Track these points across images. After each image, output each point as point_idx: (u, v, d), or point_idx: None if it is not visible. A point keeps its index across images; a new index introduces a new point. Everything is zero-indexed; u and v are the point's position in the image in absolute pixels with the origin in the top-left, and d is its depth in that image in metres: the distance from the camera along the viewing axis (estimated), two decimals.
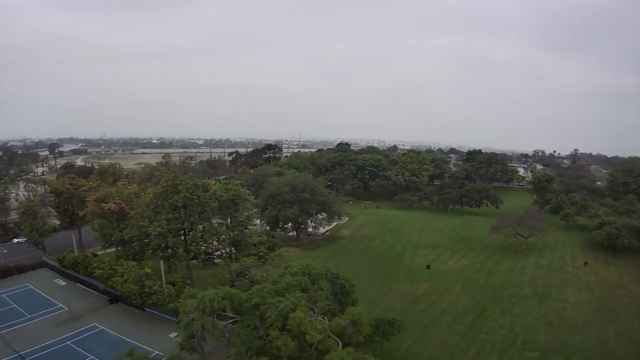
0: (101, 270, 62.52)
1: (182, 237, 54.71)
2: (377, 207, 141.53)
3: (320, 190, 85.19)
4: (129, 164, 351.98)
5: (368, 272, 75.94)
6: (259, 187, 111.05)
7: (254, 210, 61.89)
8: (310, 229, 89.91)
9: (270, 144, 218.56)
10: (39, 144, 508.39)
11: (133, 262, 59.35)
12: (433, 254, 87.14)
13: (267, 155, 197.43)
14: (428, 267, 78.80)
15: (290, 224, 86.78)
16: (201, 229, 53.20)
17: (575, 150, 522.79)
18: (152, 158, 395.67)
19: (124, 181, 76.07)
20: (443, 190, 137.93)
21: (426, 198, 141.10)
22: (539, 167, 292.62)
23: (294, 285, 35.80)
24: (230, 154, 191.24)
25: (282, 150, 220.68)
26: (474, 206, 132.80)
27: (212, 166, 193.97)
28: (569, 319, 57.53)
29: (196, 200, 53.33)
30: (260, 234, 78.14)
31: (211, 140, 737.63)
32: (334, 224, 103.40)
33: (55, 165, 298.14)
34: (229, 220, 57.24)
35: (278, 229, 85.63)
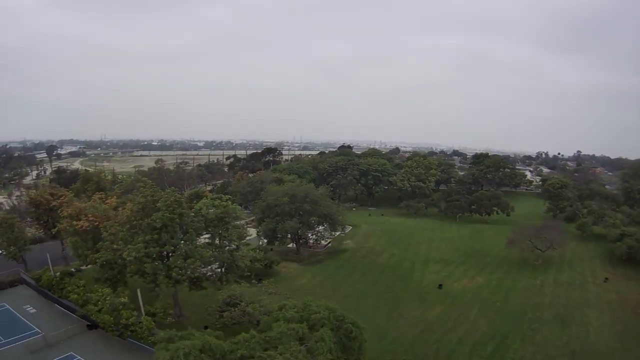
0: (76, 295, 56.14)
1: (164, 261, 47.62)
2: (382, 215, 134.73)
3: (322, 201, 78.14)
4: (126, 167, 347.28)
5: (374, 293, 69.06)
6: (256, 194, 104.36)
7: (247, 228, 54.69)
8: (311, 242, 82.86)
9: (270, 148, 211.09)
10: (39, 146, 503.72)
11: (108, 290, 52.50)
12: (445, 271, 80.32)
13: (267, 159, 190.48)
14: (440, 286, 71.91)
15: (289, 237, 79.89)
16: (184, 252, 46.06)
17: (579, 151, 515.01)
18: (151, 161, 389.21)
19: (101, 194, 68.81)
20: (451, 197, 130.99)
21: (433, 205, 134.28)
22: (545, 170, 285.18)
23: (289, 335, 28.91)
24: (228, 157, 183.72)
25: (282, 153, 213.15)
26: (484, 214, 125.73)
27: (210, 170, 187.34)
28: (592, 346, 52.95)
29: (177, 220, 46.36)
30: (255, 249, 71.29)
31: (212, 142, 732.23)
32: (337, 233, 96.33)
33: (51, 168, 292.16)
34: (217, 240, 50.20)
35: (277, 242, 78.54)
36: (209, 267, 52.83)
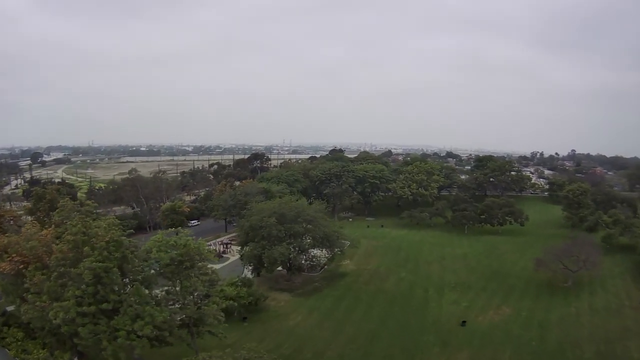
0: (13, 352, 43.14)
1: (108, 320, 34.02)
2: (382, 226, 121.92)
3: (318, 220, 64.50)
4: (110, 174, 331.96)
5: (385, 335, 55.92)
6: (241, 208, 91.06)
7: (215, 272, 40.86)
8: (304, 268, 69.27)
9: (257, 153, 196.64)
10: (26, 153, 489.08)
11: (44, 354, 39.08)
12: (465, 299, 67.69)
13: (254, 165, 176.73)
14: (464, 323, 59.04)
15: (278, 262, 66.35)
16: (134, 310, 32.43)
17: (573, 150, 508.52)
18: (137, 167, 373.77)
19: (33, 223, 54.43)
20: (457, 205, 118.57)
21: (438, 214, 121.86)
22: (547, 171, 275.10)
23: None
24: (211, 164, 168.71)
25: (270, 159, 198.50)
26: (496, 225, 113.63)
27: (194, 178, 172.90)
28: None
29: (116, 270, 32.89)
30: (237, 283, 58.11)
31: (201, 147, 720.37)
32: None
33: (31, 177, 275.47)
34: (178, 288, 36.74)
35: (264, 269, 64.97)
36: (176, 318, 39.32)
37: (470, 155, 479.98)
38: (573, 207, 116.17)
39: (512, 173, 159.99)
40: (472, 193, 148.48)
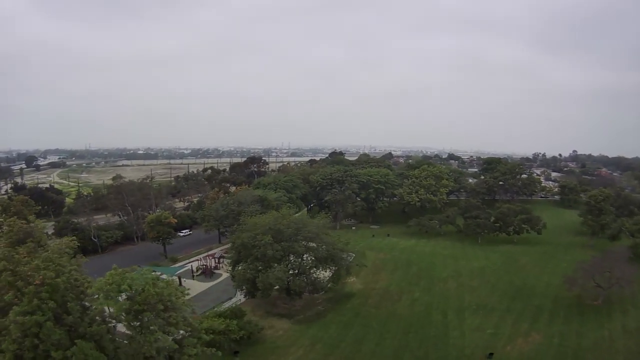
0: None
1: None
2: (388, 235, 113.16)
3: (322, 236, 55.08)
4: (105, 178, 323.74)
5: None
6: (234, 219, 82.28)
7: (191, 324, 31.61)
8: (306, 292, 60.11)
9: (254, 157, 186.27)
10: (23, 156, 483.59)
11: None
12: (488, 324, 58.94)
13: (251, 169, 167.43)
14: (490, 355, 50.34)
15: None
16: None
17: (574, 151, 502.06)
18: (132, 171, 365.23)
19: None
20: (469, 212, 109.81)
21: (449, 222, 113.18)
22: (554, 174, 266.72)
23: None
24: (205, 169, 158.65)
25: (267, 163, 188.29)
26: (512, 233, 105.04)
27: (188, 183, 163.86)
28: None
29: (49, 322, 24.06)
30: (226, 314, 49.37)
31: (199, 149, 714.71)
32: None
33: (17, 183, 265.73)
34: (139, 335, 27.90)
35: (258, 294, 55.91)
36: None
37: (472, 156, 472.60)
38: (594, 214, 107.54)
39: (523, 176, 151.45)
40: (481, 198, 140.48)
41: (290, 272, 50.24)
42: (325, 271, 57.61)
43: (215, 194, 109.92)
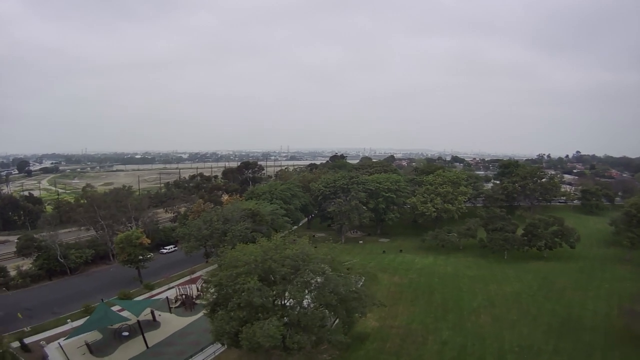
0: None
1: None
2: (400, 251, 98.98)
3: (331, 277, 38.36)
4: (96, 184, 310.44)
5: None
6: (219, 240, 68.28)
7: None
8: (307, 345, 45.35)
9: (248, 162, 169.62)
10: (17, 162, 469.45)
11: None
12: None
13: (245, 175, 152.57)
14: None
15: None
16: None
17: (578, 152, 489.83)
18: (126, 176, 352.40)
19: None
20: (493, 224, 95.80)
21: (469, 235, 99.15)
22: (566, 176, 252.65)
23: None
24: (193, 176, 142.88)
25: (263, 168, 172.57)
26: (543, 248, 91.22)
27: (178, 190, 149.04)
28: None
29: None
30: None
31: (197, 154, 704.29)
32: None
33: (8, 188, 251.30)
34: None
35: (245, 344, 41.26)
36: None
37: (475, 158, 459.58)
38: (633, 224, 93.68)
39: (543, 180, 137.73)
40: (499, 205, 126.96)
41: (287, 326, 35.76)
42: (332, 319, 42.98)
43: (198, 206, 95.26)
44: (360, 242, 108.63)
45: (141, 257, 72.76)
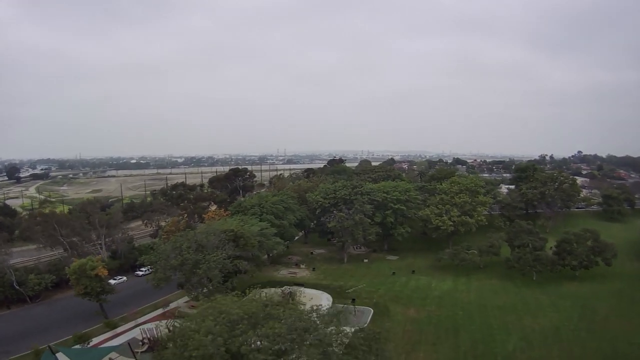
0: None
1: None
2: (413, 272, 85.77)
3: (332, 355, 26.05)
4: (84, 191, 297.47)
5: None
6: (191, 273, 55.20)
7: None
8: None
9: (238, 169, 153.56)
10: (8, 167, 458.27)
11: None
12: None
13: (235, 183, 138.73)
14: None
15: None
16: None
17: (579, 152, 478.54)
18: (117, 183, 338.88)
19: None
20: (519, 239, 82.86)
21: (492, 253, 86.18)
22: (578, 179, 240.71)
23: None
24: (174, 186, 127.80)
25: (254, 176, 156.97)
26: (579, 268, 78.58)
27: (163, 200, 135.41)
28: None
29: None
30: None
31: (192, 158, 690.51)
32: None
33: None
34: None
35: None
36: None
37: (475, 160, 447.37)
38: None
39: (565, 185, 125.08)
40: (518, 213, 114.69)
41: None
42: None
43: (173, 224, 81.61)
44: (365, 260, 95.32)
45: (100, 290, 59.49)
